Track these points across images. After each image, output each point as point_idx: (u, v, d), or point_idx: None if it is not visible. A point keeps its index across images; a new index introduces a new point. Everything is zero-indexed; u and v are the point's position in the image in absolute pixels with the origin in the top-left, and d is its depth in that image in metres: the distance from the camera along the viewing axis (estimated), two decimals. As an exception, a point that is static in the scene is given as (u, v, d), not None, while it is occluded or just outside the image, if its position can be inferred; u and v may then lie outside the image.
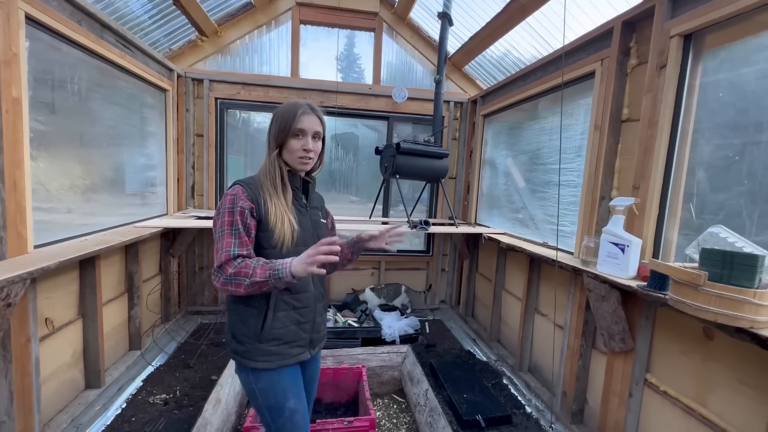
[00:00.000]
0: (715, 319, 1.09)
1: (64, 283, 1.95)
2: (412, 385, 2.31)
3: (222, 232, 1.03)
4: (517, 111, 2.93)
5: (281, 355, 1.14)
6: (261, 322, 1.11)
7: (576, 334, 2.03)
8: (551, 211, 2.42)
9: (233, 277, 0.98)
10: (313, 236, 1.20)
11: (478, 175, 3.52)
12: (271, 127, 1.14)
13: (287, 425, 1.16)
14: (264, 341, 1.11)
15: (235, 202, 1.05)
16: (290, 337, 1.16)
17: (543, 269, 2.49)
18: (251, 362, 1.12)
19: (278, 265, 0.98)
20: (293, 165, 1.16)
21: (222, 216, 1.05)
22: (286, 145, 1.13)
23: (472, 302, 3.59)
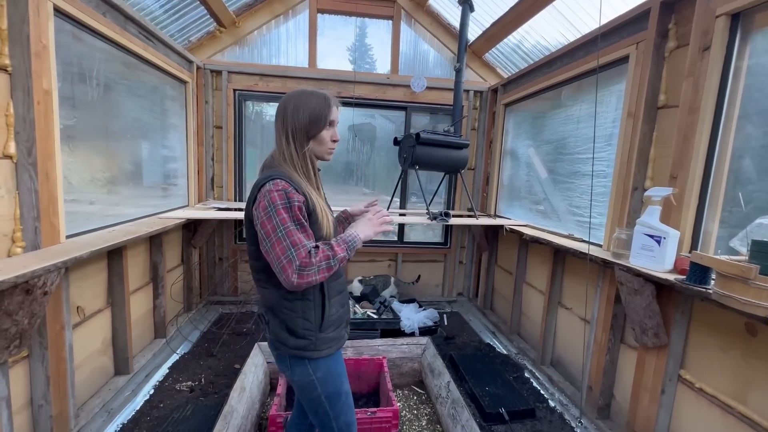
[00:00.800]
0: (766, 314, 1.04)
1: (93, 272, 2.00)
2: (433, 377, 2.30)
3: (284, 230, 0.96)
4: (541, 100, 2.84)
5: (338, 339, 1.19)
6: (321, 311, 1.13)
7: (604, 328, 1.98)
8: (577, 203, 2.35)
9: (318, 266, 0.96)
10: (333, 222, 1.20)
11: (498, 166, 3.45)
12: (298, 119, 1.07)
13: (344, 409, 1.21)
14: (325, 329, 1.13)
15: (289, 197, 0.99)
16: (341, 320, 1.20)
17: (567, 262, 2.43)
18: (315, 353, 1.12)
19: (348, 237, 1.05)
20: (321, 155, 1.16)
21: (278, 214, 0.97)
22: (318, 137, 1.11)
23: (490, 295, 3.55)
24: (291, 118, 1.08)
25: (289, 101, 1.10)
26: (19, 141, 1.46)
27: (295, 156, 1.09)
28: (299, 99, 1.10)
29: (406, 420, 2.16)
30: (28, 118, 1.46)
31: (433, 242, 3.89)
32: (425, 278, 3.87)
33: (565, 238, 2.39)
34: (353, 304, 3.09)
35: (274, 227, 0.97)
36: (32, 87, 1.45)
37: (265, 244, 0.99)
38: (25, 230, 1.51)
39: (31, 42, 1.43)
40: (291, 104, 1.09)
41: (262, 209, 0.99)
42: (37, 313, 1.37)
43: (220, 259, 3.50)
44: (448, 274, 3.88)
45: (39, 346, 1.58)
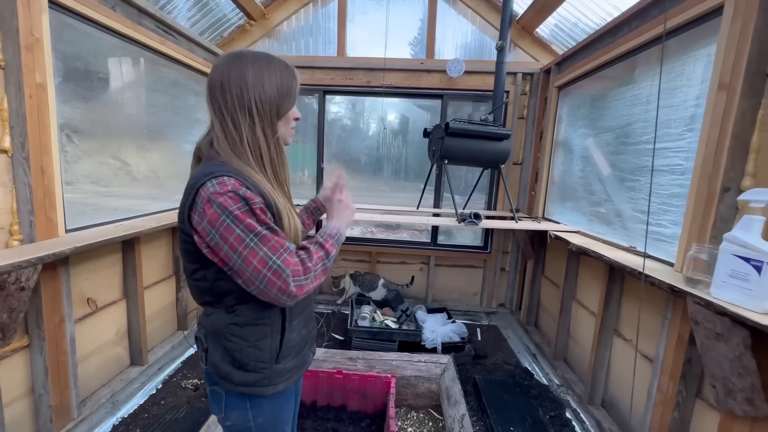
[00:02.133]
0: None
1: (106, 265, 2.03)
2: (449, 405, 1.98)
3: (256, 237, 0.74)
4: (601, 78, 2.31)
5: (299, 366, 0.99)
6: (279, 338, 0.91)
7: (672, 375, 1.49)
8: (643, 206, 1.83)
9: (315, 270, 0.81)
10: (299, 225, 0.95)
11: (548, 160, 2.95)
12: (264, 92, 0.82)
13: None
14: (282, 359, 0.92)
15: (246, 198, 0.76)
16: (302, 343, 1.00)
17: (628, 281, 1.92)
18: (269, 389, 0.91)
19: (330, 231, 0.90)
20: (285, 139, 0.94)
21: (239, 221, 0.74)
22: (286, 116, 0.90)
23: (535, 310, 3.07)
24: (254, 90, 0.81)
25: (243, 65, 0.82)
26: (14, 135, 1.48)
27: (262, 144, 0.85)
28: (258, 64, 0.83)
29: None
30: (20, 113, 1.47)
31: (471, 246, 3.49)
32: (462, 285, 3.50)
33: (624, 250, 1.89)
34: (373, 310, 2.86)
35: (239, 238, 0.74)
36: (23, 81, 1.45)
37: (234, 262, 0.76)
38: (21, 224, 1.53)
39: (21, 35, 1.43)
40: (248, 70, 0.82)
41: (212, 222, 0.75)
42: (17, 307, 1.36)
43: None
44: (487, 282, 3.45)
45: (37, 338, 1.61)
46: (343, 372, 2.02)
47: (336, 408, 2.05)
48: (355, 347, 2.54)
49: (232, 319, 0.88)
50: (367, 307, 2.88)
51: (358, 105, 3.51)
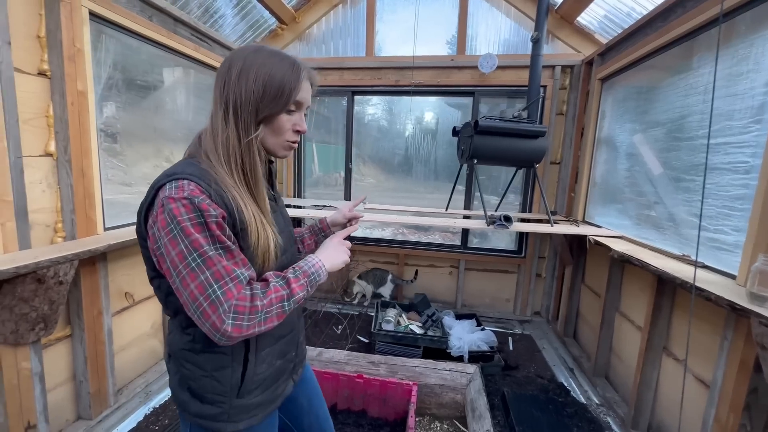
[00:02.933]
0: None
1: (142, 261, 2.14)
2: (473, 420, 1.87)
3: (200, 258, 0.64)
4: (652, 67, 2.08)
5: (266, 402, 0.85)
6: (240, 371, 0.79)
7: (732, 406, 1.29)
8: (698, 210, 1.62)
9: (267, 311, 0.67)
10: (289, 237, 0.91)
11: (590, 159, 2.72)
12: (245, 88, 0.72)
13: None
14: (245, 394, 0.80)
15: (200, 209, 0.66)
16: (275, 375, 0.86)
17: (680, 294, 1.71)
18: (228, 425, 0.80)
19: (308, 268, 0.76)
20: (275, 151, 0.81)
21: (186, 234, 0.64)
22: (273, 123, 0.76)
23: (574, 320, 2.85)
24: (236, 84, 0.72)
25: (236, 58, 0.74)
26: (58, 140, 1.59)
27: (232, 143, 0.73)
28: (254, 58, 0.73)
29: (439, 463, 1.80)
30: (63, 119, 1.58)
31: (505, 250, 3.32)
32: (493, 291, 3.34)
33: (677, 259, 1.68)
34: (398, 314, 2.80)
35: (181, 254, 0.64)
36: (65, 89, 1.55)
37: (173, 280, 0.66)
38: (65, 222, 1.65)
39: (64, 46, 1.54)
40: (238, 63, 0.73)
41: (160, 229, 0.65)
42: (57, 300, 1.46)
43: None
44: (521, 289, 3.26)
45: (78, 328, 1.73)
46: (364, 376, 1.98)
47: (356, 413, 2.01)
48: (379, 351, 2.49)
49: (186, 343, 0.78)
50: (392, 311, 2.82)
51: (389, 105, 3.47)
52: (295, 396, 1.00)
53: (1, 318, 1.35)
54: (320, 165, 3.66)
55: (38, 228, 1.56)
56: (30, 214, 1.50)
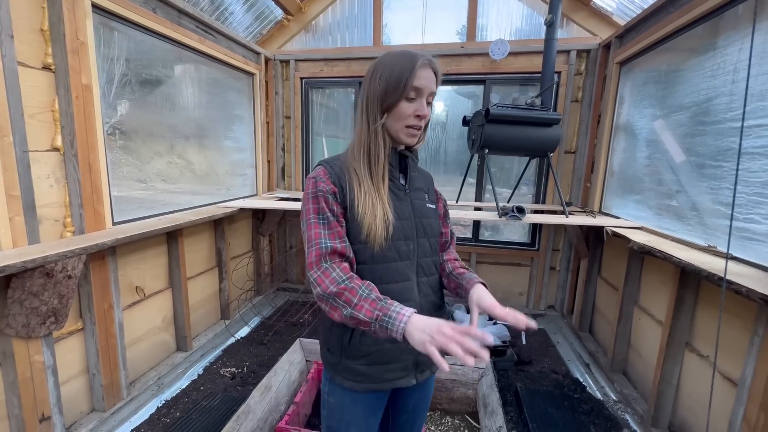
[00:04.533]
0: None
1: (152, 256, 2.16)
2: (485, 415, 1.83)
3: (309, 222, 0.86)
4: (674, 48, 1.97)
5: (371, 377, 0.93)
6: (349, 334, 0.91)
7: (762, 405, 1.21)
8: (727, 197, 1.52)
9: (333, 298, 0.79)
10: (415, 227, 0.95)
11: (607, 147, 2.61)
12: (373, 86, 0.87)
13: None
14: (352, 357, 0.92)
15: (317, 186, 0.87)
16: (384, 357, 0.92)
17: (705, 287, 1.62)
18: (338, 377, 0.95)
19: (392, 312, 0.75)
20: (398, 136, 0.90)
21: (306, 203, 0.88)
22: (395, 110, 0.86)
23: (590, 314, 2.76)
24: (368, 84, 0.89)
25: (371, 66, 0.91)
26: (64, 134, 1.59)
27: (364, 132, 0.90)
28: (383, 60, 0.88)
29: (449, 458, 1.77)
30: (68, 113, 1.57)
31: (517, 242, 3.24)
32: (506, 284, 3.27)
33: (701, 250, 1.59)
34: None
35: (303, 219, 0.88)
36: (70, 83, 1.54)
37: (302, 226, 0.90)
38: (73, 216, 1.66)
39: (67, 40, 1.52)
40: (371, 68, 0.90)
41: (304, 193, 0.90)
42: (66, 294, 1.47)
43: (290, 247, 3.59)
44: (534, 282, 3.19)
45: (89, 322, 1.74)
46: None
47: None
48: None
49: None
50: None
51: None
52: (408, 393, 1.05)
53: (12, 312, 1.36)
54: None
55: (47, 223, 1.57)
56: (38, 209, 1.50)
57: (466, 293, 0.93)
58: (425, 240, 0.96)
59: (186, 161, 2.41)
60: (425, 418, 1.13)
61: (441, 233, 1.04)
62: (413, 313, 0.74)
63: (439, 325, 0.70)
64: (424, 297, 0.94)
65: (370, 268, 0.88)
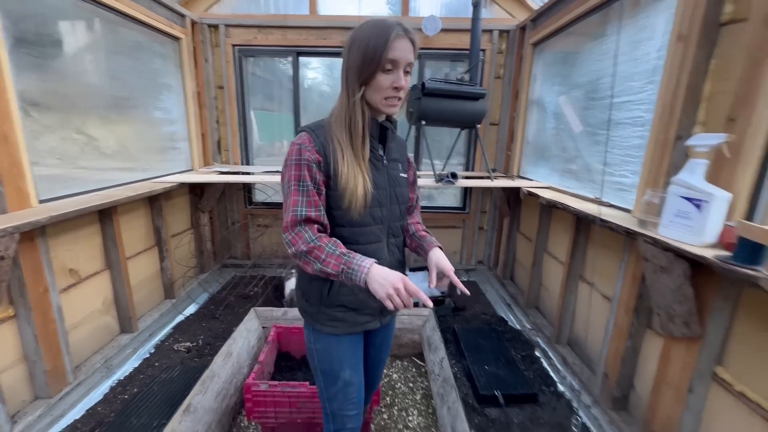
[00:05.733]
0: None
1: (84, 236, 2.02)
2: (430, 352, 2.14)
3: (289, 189, 0.91)
4: (574, 33, 2.32)
5: (347, 322, 1.06)
6: (327, 287, 1.02)
7: (626, 310, 1.66)
8: (609, 159, 1.93)
9: (304, 255, 0.89)
10: (390, 196, 1.03)
11: (523, 120, 3.00)
12: (351, 58, 0.90)
13: (339, 396, 1.11)
14: (330, 306, 1.04)
15: (302, 154, 0.90)
16: (358, 305, 1.05)
17: (592, 230, 2.06)
18: (317, 324, 1.06)
19: (355, 264, 0.86)
20: (377, 107, 0.94)
21: (288, 169, 0.92)
22: (372, 82, 0.89)
23: (511, 264, 3.25)
24: (347, 56, 0.92)
25: (348, 37, 0.93)
26: (-30, 103, 1.41)
27: (344, 103, 0.94)
28: (359, 31, 0.90)
29: (400, 392, 2.06)
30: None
31: (451, 207, 3.60)
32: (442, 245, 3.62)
33: (591, 201, 2.01)
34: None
35: (284, 183, 0.94)
36: (-29, 43, 1.36)
37: (282, 191, 0.96)
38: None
39: (-38, -8, 1.33)
40: (351, 38, 0.92)
41: (285, 159, 0.94)
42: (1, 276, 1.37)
43: (232, 223, 3.52)
44: (466, 241, 3.60)
45: (23, 308, 1.63)
46: (330, 327, 2.13)
47: (325, 360, 2.18)
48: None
49: None
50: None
51: (330, 69, 3.41)
52: (374, 334, 1.21)
53: (-64, 299, 1.25)
54: (261, 134, 3.52)
55: (-40, 202, 1.41)
56: (-52, 187, 1.35)
57: (426, 254, 1.10)
58: (396, 207, 1.06)
59: (112, 134, 2.23)
60: (389, 350, 1.31)
61: (409, 198, 1.14)
62: (373, 264, 0.86)
63: (394, 282, 0.82)
64: (392, 256, 1.08)
65: (348, 230, 0.99)
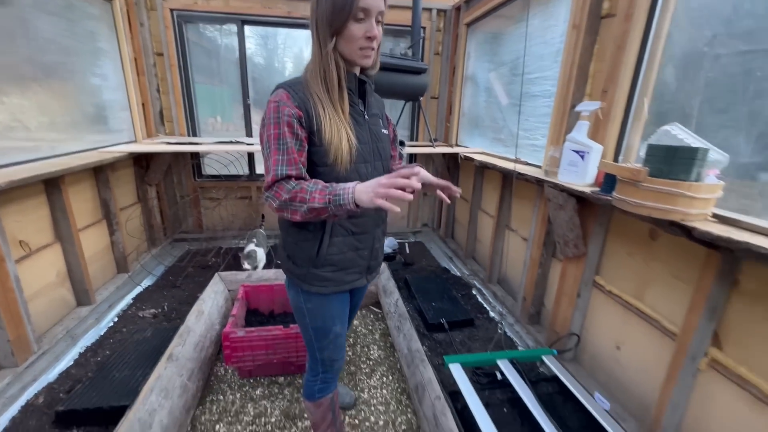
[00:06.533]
0: (650, 213, 1.11)
1: (31, 207, 1.96)
2: (385, 296, 2.47)
3: (269, 149, 0.89)
4: (499, 17, 2.67)
5: (336, 281, 1.07)
6: (317, 247, 1.02)
7: (538, 245, 2.11)
8: (525, 126, 2.35)
9: (288, 203, 0.87)
10: (373, 151, 1.04)
11: (460, 94, 3.35)
12: (320, 8, 0.87)
13: (330, 346, 1.17)
14: (319, 266, 1.04)
15: (280, 110, 0.88)
16: (347, 263, 1.07)
17: (515, 186, 2.50)
18: (305, 285, 1.07)
19: (339, 189, 0.85)
20: (352, 59, 0.93)
21: (267, 128, 0.89)
22: (344, 32, 0.88)
23: (452, 224, 3.68)
24: (315, 6, 0.89)
25: None
26: None
27: (317, 56, 0.92)
28: None
29: (361, 334, 2.36)
30: None
31: (398, 175, 3.90)
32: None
33: (513, 162, 2.42)
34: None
35: (263, 143, 0.92)
36: None
37: (262, 150, 0.93)
38: (-67, 160, 1.44)
39: None
40: None
41: (263, 117, 0.92)
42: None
43: (181, 197, 3.46)
44: (412, 206, 3.96)
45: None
46: (296, 282, 2.34)
47: (290, 314, 2.40)
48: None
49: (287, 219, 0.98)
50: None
51: (264, 40, 3.40)
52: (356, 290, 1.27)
53: None
54: (201, 108, 3.38)
55: None
56: None
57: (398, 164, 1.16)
58: (380, 162, 1.07)
59: (46, 100, 2.11)
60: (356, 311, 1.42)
61: (391, 156, 1.16)
62: (356, 183, 0.85)
63: (376, 181, 0.82)
64: (376, 211, 1.07)
65: None
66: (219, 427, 1.64)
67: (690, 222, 1.07)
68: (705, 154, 1.03)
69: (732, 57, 1.19)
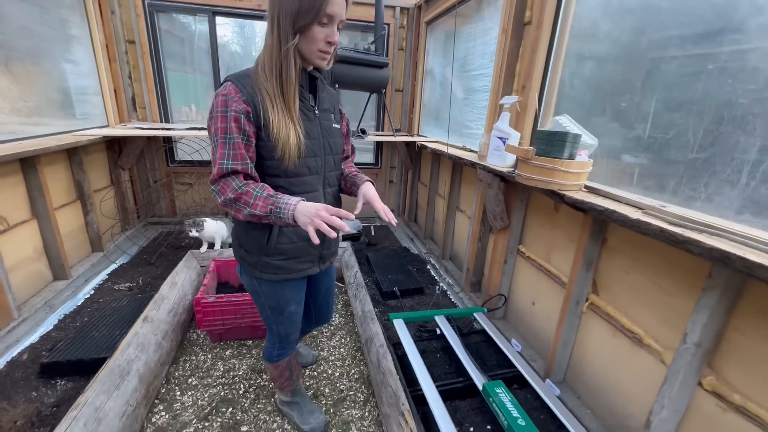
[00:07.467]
0: (536, 185, 1.41)
1: (8, 184, 2.09)
2: (347, 270, 2.73)
3: (216, 142, 0.90)
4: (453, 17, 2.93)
5: (288, 269, 1.10)
6: (266, 236, 1.03)
7: (477, 222, 2.41)
8: (471, 117, 2.64)
9: (233, 203, 0.91)
10: (324, 146, 1.06)
11: (421, 87, 3.61)
12: (283, 3, 0.87)
13: (285, 323, 1.22)
14: (270, 255, 1.06)
15: (228, 105, 0.88)
16: (297, 252, 1.09)
17: (464, 171, 2.79)
18: (256, 272, 1.09)
19: (281, 203, 0.89)
20: (310, 59, 0.95)
21: (215, 121, 0.90)
22: (307, 33, 0.89)
23: (414, 209, 3.97)
24: (276, 5, 0.88)
25: None
26: None
27: (275, 51, 0.91)
28: None
29: (325, 305, 2.60)
30: None
31: (366, 163, 4.15)
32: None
33: (461, 149, 2.72)
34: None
35: (210, 135, 0.94)
36: None
37: (210, 143, 0.95)
38: None
39: None
40: None
41: (210, 110, 0.93)
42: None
43: (155, 181, 3.58)
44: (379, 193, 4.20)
45: (-37, 246, 1.75)
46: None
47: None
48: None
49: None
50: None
51: (241, 28, 3.56)
52: (318, 281, 1.33)
53: None
54: (174, 96, 3.49)
55: None
56: None
57: (358, 189, 1.15)
58: (331, 157, 1.08)
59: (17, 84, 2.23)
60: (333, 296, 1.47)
61: (343, 150, 1.18)
62: (299, 201, 0.88)
63: (317, 209, 0.85)
64: (328, 202, 1.11)
65: (285, 180, 1.00)
66: (192, 380, 1.85)
67: (564, 191, 1.37)
68: (575, 137, 1.33)
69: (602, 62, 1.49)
